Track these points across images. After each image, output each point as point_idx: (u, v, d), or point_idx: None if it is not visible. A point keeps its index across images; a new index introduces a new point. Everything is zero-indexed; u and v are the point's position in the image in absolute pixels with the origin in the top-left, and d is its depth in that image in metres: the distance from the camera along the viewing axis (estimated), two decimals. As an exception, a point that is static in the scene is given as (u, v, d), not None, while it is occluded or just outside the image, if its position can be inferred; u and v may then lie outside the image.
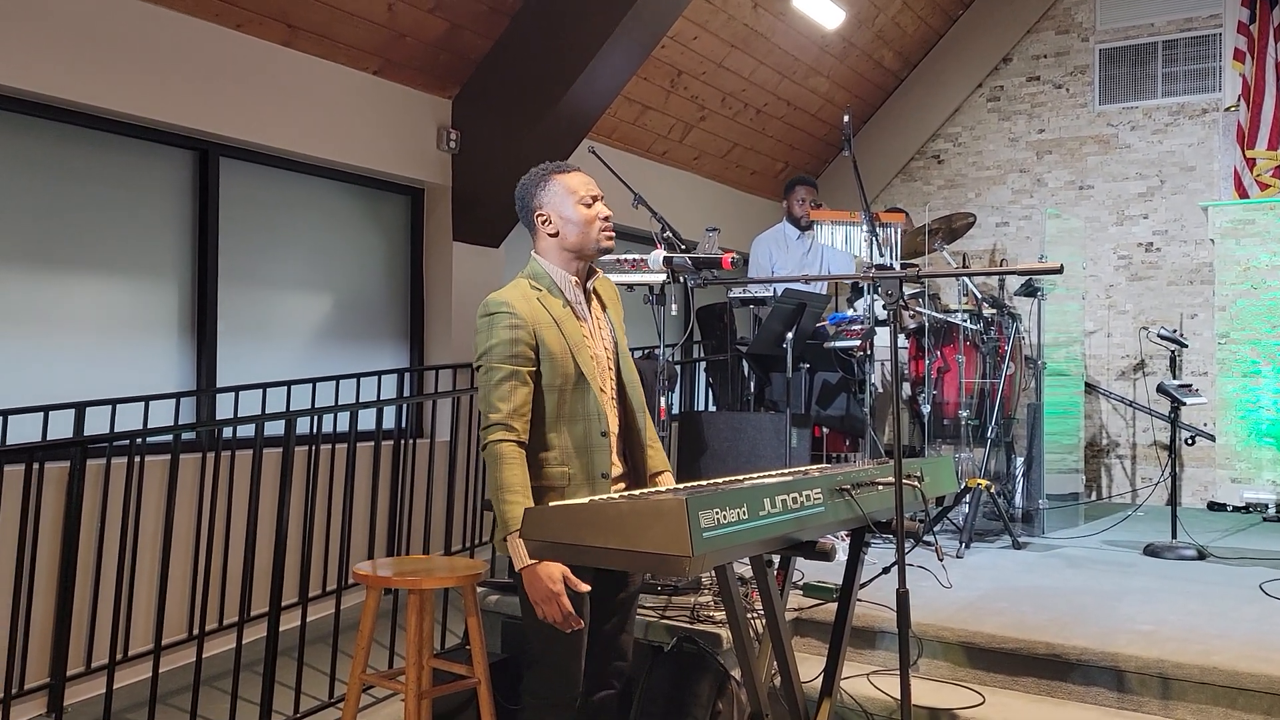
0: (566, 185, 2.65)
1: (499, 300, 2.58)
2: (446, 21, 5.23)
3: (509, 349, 2.53)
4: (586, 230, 2.64)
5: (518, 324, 2.54)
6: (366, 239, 5.63)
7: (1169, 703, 3.16)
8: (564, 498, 2.55)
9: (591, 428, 2.60)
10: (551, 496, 2.56)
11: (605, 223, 2.66)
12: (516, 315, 2.55)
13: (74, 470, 3.35)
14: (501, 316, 2.55)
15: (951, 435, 5.58)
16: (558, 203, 2.64)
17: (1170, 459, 5.20)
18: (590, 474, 2.59)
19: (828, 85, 7.91)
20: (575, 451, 2.59)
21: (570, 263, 2.68)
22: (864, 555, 2.80)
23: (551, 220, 2.65)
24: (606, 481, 2.61)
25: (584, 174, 2.70)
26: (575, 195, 2.63)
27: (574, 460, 2.59)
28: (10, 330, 4.10)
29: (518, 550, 2.40)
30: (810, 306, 5.28)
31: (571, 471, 2.58)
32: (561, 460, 2.58)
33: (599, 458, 2.60)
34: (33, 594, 3.56)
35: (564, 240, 2.65)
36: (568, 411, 2.59)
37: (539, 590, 2.40)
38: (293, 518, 3.92)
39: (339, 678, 3.83)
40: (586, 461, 2.59)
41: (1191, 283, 7.57)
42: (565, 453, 2.58)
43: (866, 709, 3.34)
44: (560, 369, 2.58)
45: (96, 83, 4.13)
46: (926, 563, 4.37)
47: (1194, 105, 7.63)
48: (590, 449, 2.60)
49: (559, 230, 2.64)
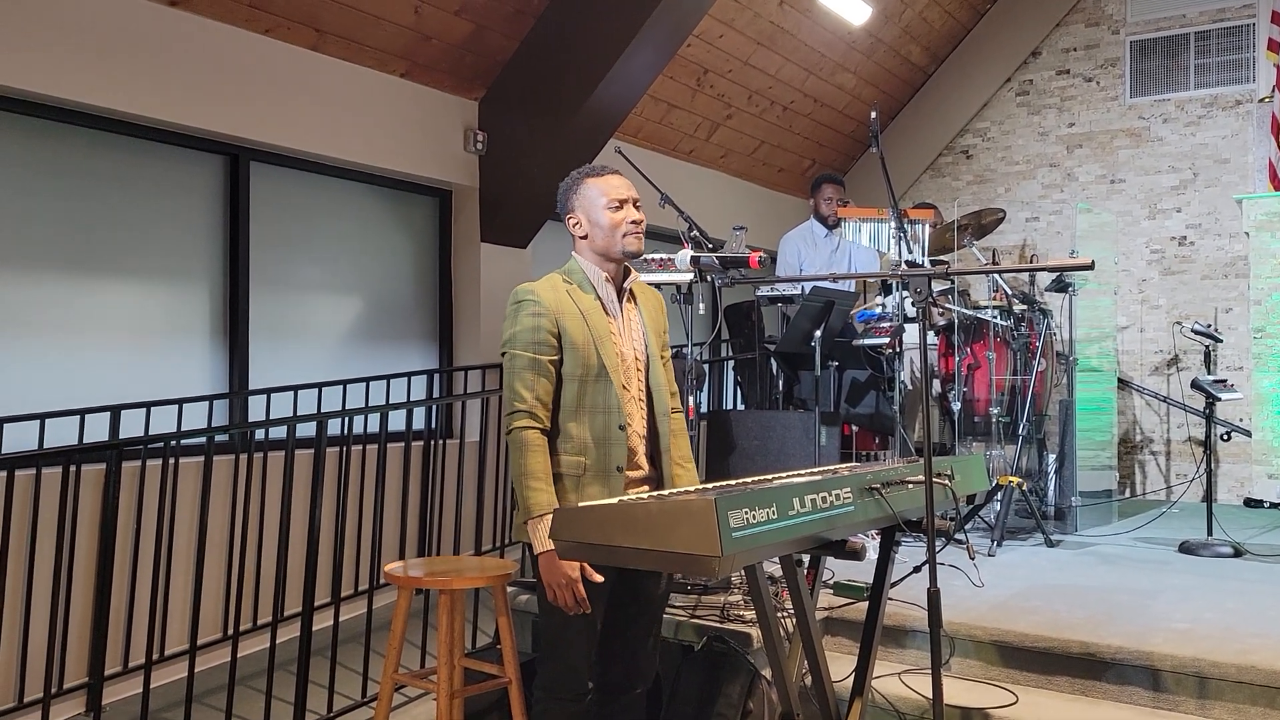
0: (598, 189, 2.70)
1: (526, 289, 2.65)
2: (472, 23, 5.25)
3: (531, 336, 2.59)
4: (612, 234, 2.68)
5: (540, 312, 2.61)
6: (395, 241, 5.66)
7: (1205, 702, 3.12)
8: (578, 487, 2.60)
9: (610, 421, 2.63)
10: (565, 485, 2.60)
11: (634, 226, 2.69)
12: (540, 303, 2.61)
13: (110, 472, 3.39)
14: (526, 305, 2.62)
15: (982, 432, 5.54)
16: (587, 206, 2.70)
17: (1205, 455, 5.14)
18: (605, 466, 2.62)
19: (855, 81, 7.88)
20: (592, 443, 2.62)
21: (602, 264, 2.73)
22: (894, 554, 2.79)
23: (581, 223, 2.71)
24: (620, 476, 2.63)
25: (619, 176, 2.74)
26: (604, 199, 2.68)
27: (590, 451, 2.61)
28: (47, 335, 4.16)
29: (537, 534, 2.48)
30: (838, 304, 5.26)
31: (587, 462, 2.61)
32: (578, 450, 2.61)
33: (615, 451, 2.63)
34: (71, 595, 3.61)
35: (592, 243, 2.71)
36: (588, 403, 2.63)
37: (556, 575, 2.47)
38: (324, 518, 3.95)
39: (372, 677, 3.86)
40: (602, 454, 2.62)
41: (1226, 276, 7.48)
42: (582, 443, 2.61)
43: (898, 708, 3.33)
44: (582, 359, 2.62)
45: (128, 89, 4.18)
46: (958, 561, 4.34)
47: (1227, 97, 7.53)
48: (607, 441, 2.62)
49: (588, 233, 2.71)
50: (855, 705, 2.66)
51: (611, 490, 2.60)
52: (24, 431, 3.87)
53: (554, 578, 2.48)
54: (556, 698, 2.61)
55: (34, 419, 3.88)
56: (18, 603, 3.60)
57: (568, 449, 2.61)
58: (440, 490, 4.57)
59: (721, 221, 7.15)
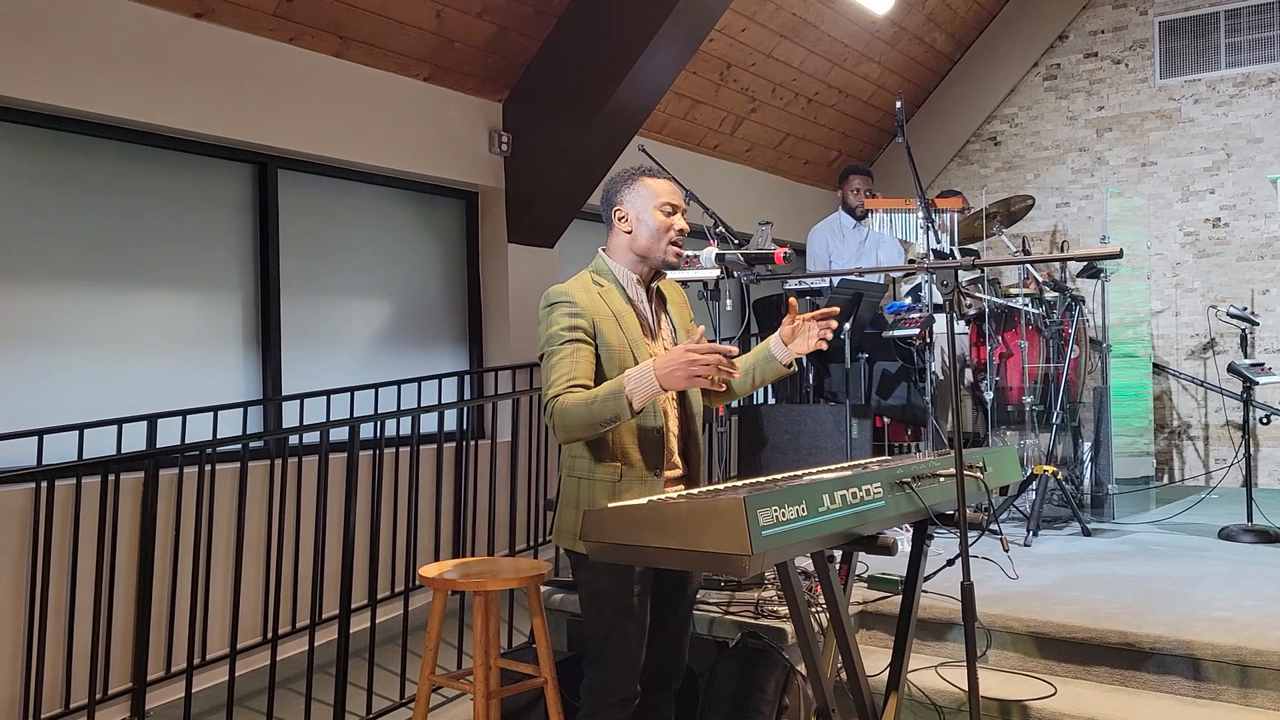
0: (653, 189, 2.68)
1: (560, 290, 2.62)
2: (494, 25, 5.27)
3: (569, 334, 2.56)
4: (658, 237, 2.66)
5: (577, 312, 2.57)
6: (423, 244, 5.70)
7: (1248, 691, 3.08)
8: (616, 490, 2.56)
9: (647, 423, 2.61)
10: (603, 490, 2.57)
11: (678, 235, 2.67)
12: (576, 305, 2.58)
13: (148, 481, 3.44)
14: (561, 306, 2.59)
15: (1016, 421, 5.50)
16: (639, 203, 2.67)
17: (1244, 439, 5.07)
18: (643, 471, 2.59)
19: (879, 71, 7.83)
20: (630, 446, 2.59)
21: (636, 265, 2.70)
22: (927, 547, 2.78)
23: (628, 218, 2.67)
24: (659, 479, 2.61)
25: (673, 184, 2.72)
26: (657, 200, 2.66)
27: (628, 455, 2.59)
28: (84, 347, 4.23)
29: (639, 389, 2.42)
30: (867, 296, 5.23)
31: (624, 467, 2.58)
32: (615, 455, 2.58)
33: (651, 454, 2.60)
34: (113, 601, 3.67)
35: (634, 241, 2.67)
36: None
37: (677, 374, 2.41)
38: (359, 521, 3.99)
39: (409, 678, 3.89)
40: (640, 457, 2.59)
41: (1262, 258, 7.37)
42: (620, 448, 2.58)
43: (935, 701, 3.31)
44: (618, 362, 2.59)
45: (156, 101, 4.23)
46: (992, 554, 4.31)
47: (1260, 75, 7.41)
48: (644, 444, 2.60)
49: (633, 229, 2.67)
50: (891, 700, 2.65)
51: (651, 492, 2.57)
52: (64, 442, 3.94)
53: (680, 375, 2.41)
54: (605, 702, 2.58)
55: (73, 429, 3.95)
56: (61, 610, 3.66)
57: (604, 455, 2.58)
58: (474, 491, 4.60)
59: (748, 216, 7.14)
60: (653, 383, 2.42)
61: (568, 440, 2.53)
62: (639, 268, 2.71)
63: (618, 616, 2.55)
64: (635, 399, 2.42)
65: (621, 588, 2.55)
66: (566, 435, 2.50)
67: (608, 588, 2.55)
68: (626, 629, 2.55)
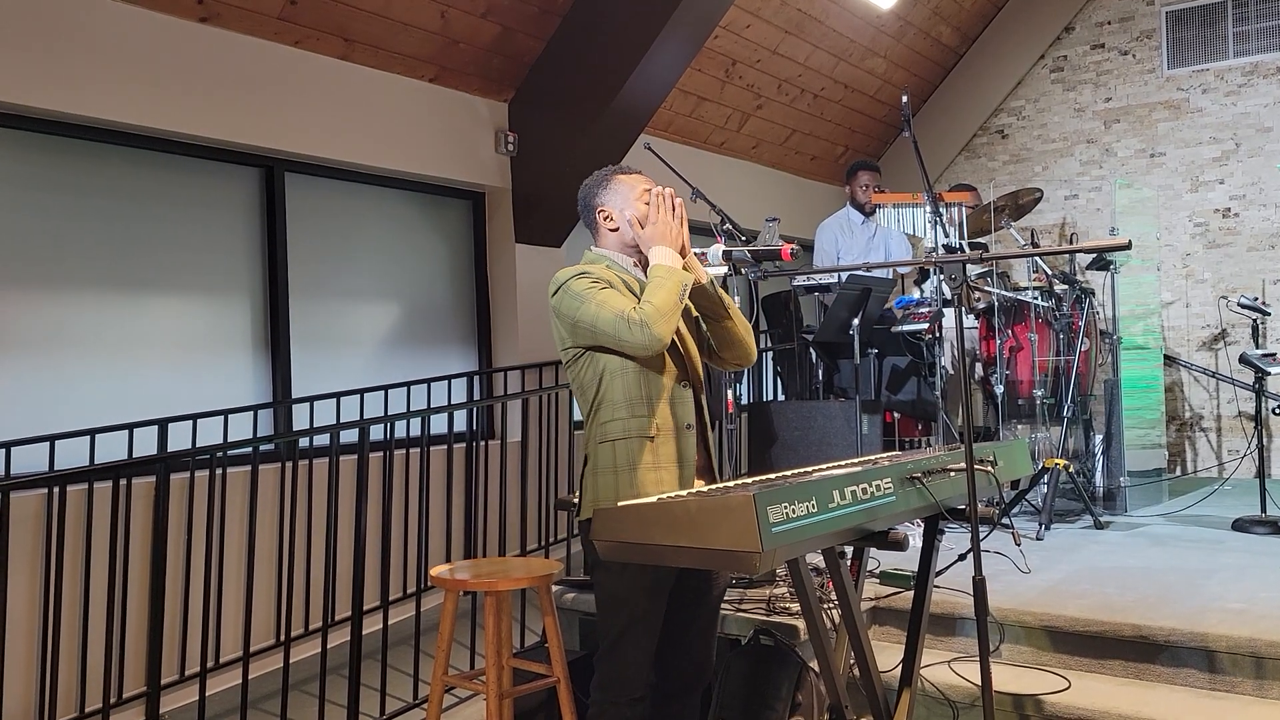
0: (628, 183, 2.71)
1: (566, 270, 2.63)
2: (498, 25, 5.27)
3: (597, 285, 2.57)
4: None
5: (595, 276, 2.59)
6: (430, 245, 5.70)
7: (1264, 683, 3.07)
8: (654, 446, 2.57)
9: (674, 379, 2.63)
10: (639, 446, 2.57)
11: (645, 192, 2.69)
12: (590, 272, 2.61)
13: (159, 485, 3.45)
14: (577, 277, 2.60)
15: (1027, 415, 5.48)
16: (619, 200, 2.69)
17: (1256, 430, 5.05)
18: (677, 424, 2.61)
19: (885, 66, 7.81)
20: (661, 401, 2.60)
21: (631, 252, 2.73)
22: (939, 542, 2.77)
23: (613, 216, 2.70)
24: (691, 432, 2.62)
25: (646, 177, 2.75)
26: (636, 190, 2.68)
27: (659, 410, 2.59)
28: (94, 352, 4.24)
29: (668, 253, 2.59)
30: (875, 291, 5.22)
31: (659, 421, 2.59)
32: (649, 410, 2.58)
33: (682, 409, 2.62)
34: (126, 605, 3.68)
35: (623, 235, 2.70)
36: (651, 360, 2.60)
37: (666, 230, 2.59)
38: (370, 523, 3.99)
39: (423, 679, 3.90)
40: (671, 413, 2.61)
41: (1273, 247, 7.33)
42: (651, 403, 2.59)
43: (949, 697, 3.31)
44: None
45: (162, 107, 4.25)
46: (1004, 548, 4.30)
47: (1268, 64, 7.37)
48: (674, 400, 2.61)
49: (619, 225, 2.70)
50: (904, 696, 2.64)
51: (686, 446, 2.60)
52: (75, 448, 3.95)
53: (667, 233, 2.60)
54: (613, 700, 2.57)
55: (84, 435, 3.96)
56: (75, 615, 3.67)
57: (639, 410, 2.58)
58: (485, 491, 4.60)
59: (755, 212, 7.13)
60: (667, 253, 2.58)
61: (666, 335, 2.50)
62: (634, 254, 2.73)
63: (633, 619, 2.54)
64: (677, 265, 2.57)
65: (640, 591, 2.54)
66: (665, 327, 2.49)
67: (626, 591, 2.55)
68: (639, 631, 2.55)
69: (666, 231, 2.60)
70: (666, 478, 2.57)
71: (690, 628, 2.70)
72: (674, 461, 2.59)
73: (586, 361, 2.62)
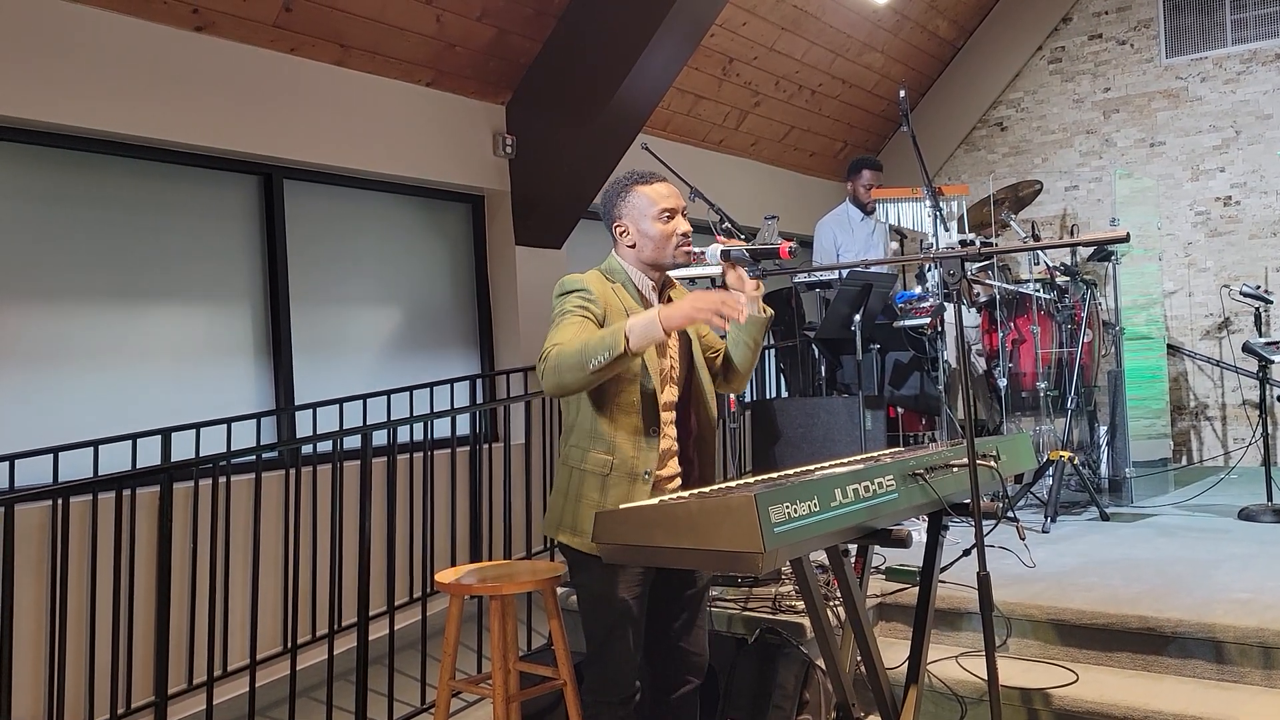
0: (648, 197, 2.65)
1: (576, 278, 2.62)
2: (494, 28, 5.27)
3: (580, 310, 2.55)
4: (663, 246, 2.66)
5: (591, 299, 2.58)
6: (430, 249, 5.70)
7: (1272, 672, 3.06)
8: (603, 486, 2.56)
9: (643, 424, 2.59)
10: (590, 482, 2.57)
11: (684, 238, 2.67)
12: (591, 293, 2.59)
13: (164, 495, 3.46)
14: (577, 292, 2.59)
15: (1031, 407, 5.47)
16: (636, 216, 2.66)
17: (1261, 418, 5.03)
18: (633, 469, 2.57)
19: (883, 60, 7.80)
20: (621, 444, 2.57)
21: (648, 271, 2.71)
22: (943, 538, 2.76)
23: (630, 233, 2.67)
24: (648, 482, 2.58)
25: (668, 184, 2.70)
26: (655, 208, 2.64)
27: (619, 451, 2.57)
28: (96, 363, 4.25)
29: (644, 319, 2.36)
30: (876, 287, 5.21)
31: (614, 461, 2.57)
32: (607, 449, 2.57)
33: (645, 456, 2.59)
34: (133, 615, 3.69)
35: (640, 253, 2.68)
36: (623, 402, 2.58)
37: (681, 308, 2.37)
38: (375, 528, 4.00)
39: (430, 683, 3.90)
40: (630, 457, 2.58)
41: (1275, 235, 7.31)
42: (611, 443, 2.57)
43: (956, 692, 3.30)
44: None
45: (159, 116, 4.25)
46: (1009, 542, 4.29)
47: (1267, 51, 7.35)
48: (637, 445, 2.59)
49: (636, 243, 2.67)
50: (911, 693, 2.64)
51: (636, 494, 2.56)
52: (79, 459, 3.96)
53: (703, 303, 2.36)
54: (605, 701, 2.61)
55: (88, 446, 3.97)
56: (82, 626, 3.68)
57: (597, 447, 2.58)
58: (489, 495, 4.60)
59: (755, 210, 7.12)
60: (653, 321, 2.35)
61: (556, 389, 2.43)
62: (651, 274, 2.71)
63: (618, 618, 2.57)
64: (634, 335, 2.34)
65: (620, 590, 2.56)
66: (555, 380, 2.41)
67: (607, 590, 2.57)
68: (626, 630, 2.58)
69: (676, 308, 2.38)
70: None
71: (678, 621, 2.72)
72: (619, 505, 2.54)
73: None
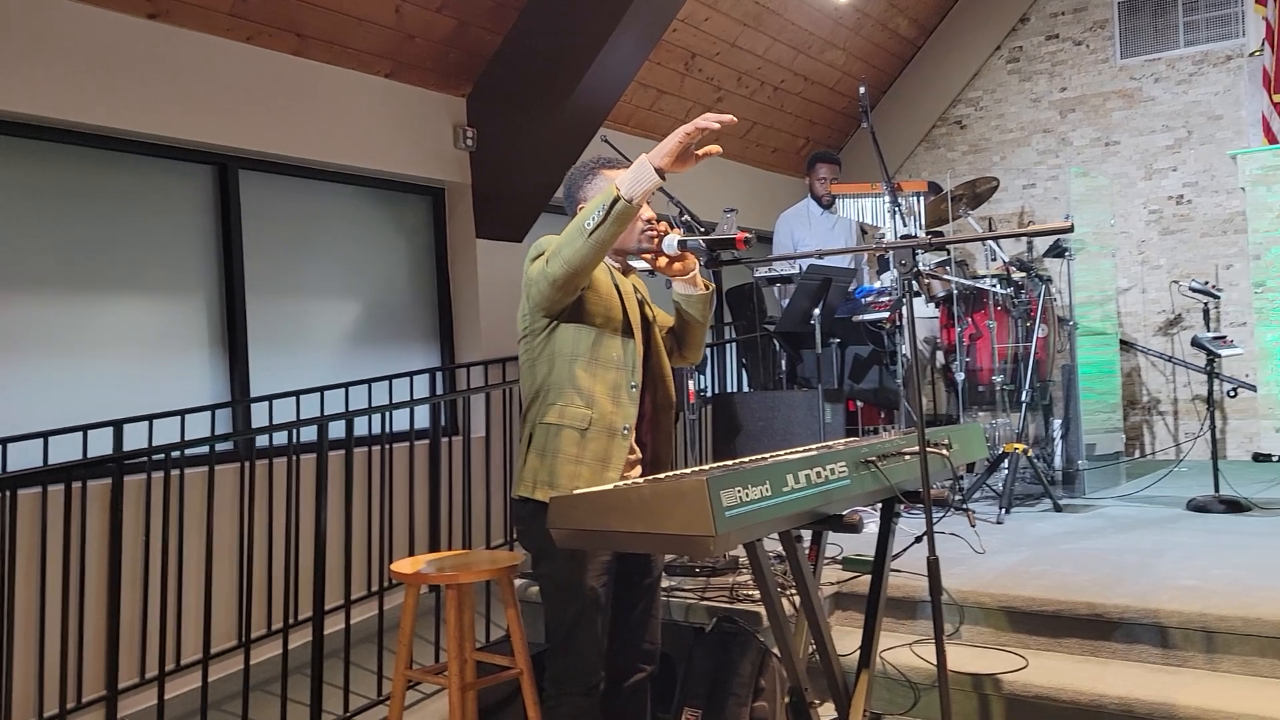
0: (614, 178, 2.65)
1: (549, 237, 2.59)
2: (454, 19, 5.25)
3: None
4: (630, 230, 2.66)
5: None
6: (390, 242, 5.67)
7: (1214, 656, 3.13)
8: (582, 439, 2.55)
9: (623, 380, 2.60)
10: (567, 436, 2.55)
11: (648, 224, 2.68)
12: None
13: (115, 486, 3.42)
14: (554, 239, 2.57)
15: (987, 402, 5.54)
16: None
17: (1209, 411, 5.13)
18: (611, 425, 2.57)
19: (844, 58, 7.85)
20: (600, 398, 2.57)
21: (612, 256, 2.72)
22: (895, 525, 2.79)
23: None
24: (626, 438, 2.58)
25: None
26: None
27: (597, 405, 2.56)
28: (46, 353, 4.19)
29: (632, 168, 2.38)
30: (836, 281, 5.25)
31: (593, 415, 2.56)
32: (586, 403, 2.56)
33: (623, 412, 2.59)
34: (83, 609, 3.64)
35: None
36: (603, 355, 2.58)
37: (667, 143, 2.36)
38: (332, 521, 3.97)
39: (386, 675, 3.89)
40: (609, 412, 2.57)
41: (1225, 233, 7.45)
42: (590, 396, 2.56)
43: (910, 678, 3.34)
44: (605, 305, 2.60)
45: (112, 104, 4.20)
46: (962, 530, 4.35)
47: (1218, 53, 7.49)
48: (616, 401, 2.58)
49: None
50: (862, 677, 2.66)
51: (615, 449, 2.55)
52: (28, 450, 3.90)
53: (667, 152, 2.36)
54: (568, 691, 2.59)
55: (37, 438, 3.91)
56: (31, 619, 3.63)
57: (576, 401, 2.55)
58: (449, 488, 4.59)
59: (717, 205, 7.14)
60: (640, 162, 2.37)
61: (564, 272, 2.44)
62: (616, 258, 2.72)
63: (585, 606, 2.56)
64: (623, 181, 2.37)
65: (585, 578, 2.56)
66: (560, 262, 2.44)
67: (574, 578, 2.56)
68: (593, 618, 2.57)
69: (662, 144, 2.38)
70: (585, 473, 2.53)
71: (634, 610, 2.72)
72: (598, 460, 2.55)
73: (541, 343, 2.62)
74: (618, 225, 2.39)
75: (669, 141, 2.37)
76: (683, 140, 2.36)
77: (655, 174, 2.37)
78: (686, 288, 2.78)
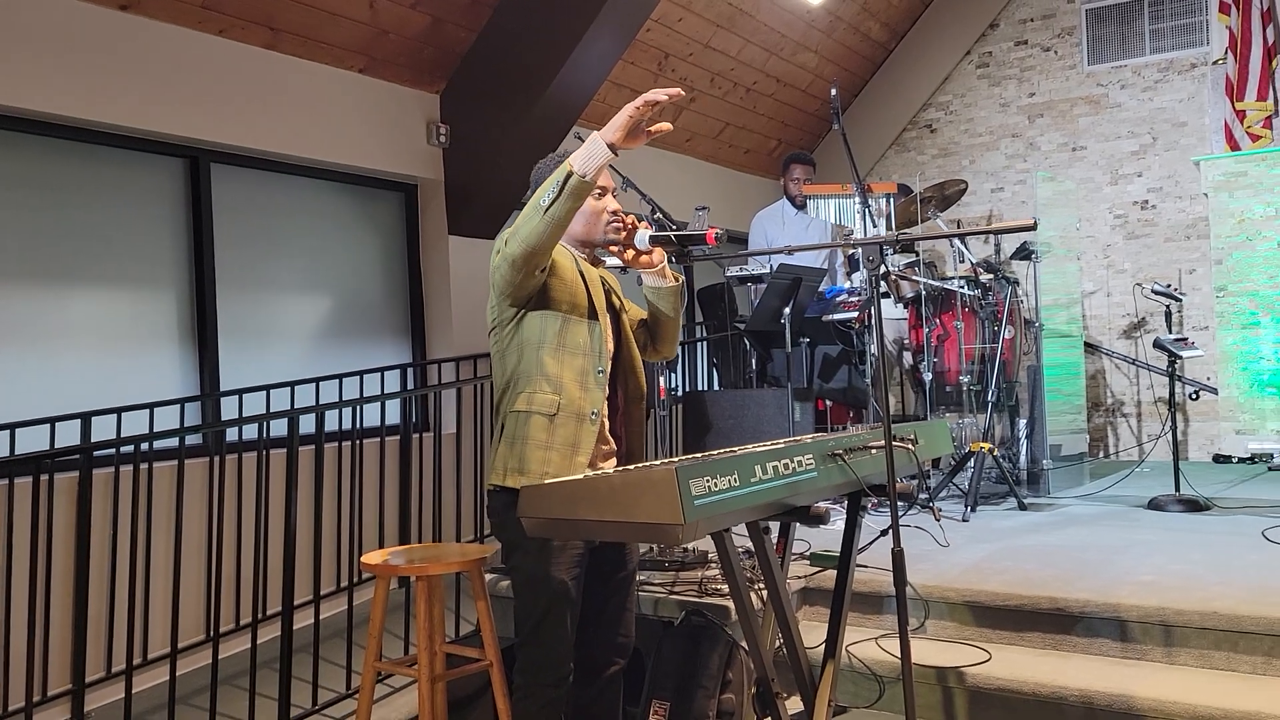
0: None
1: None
2: (428, 16, 5.25)
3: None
4: (594, 222, 2.69)
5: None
6: (362, 237, 5.66)
7: (1172, 649, 3.19)
8: (550, 426, 2.57)
9: (590, 365, 2.61)
10: (536, 423, 2.56)
11: (614, 215, 2.70)
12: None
13: (83, 479, 3.40)
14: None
15: (955, 402, 5.61)
16: None
17: (1170, 412, 5.22)
18: (580, 410, 2.58)
19: (816, 60, 7.92)
20: (568, 384, 2.58)
21: (578, 248, 2.74)
22: (861, 519, 2.83)
23: None
24: (594, 424, 2.60)
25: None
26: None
27: (565, 391, 2.58)
28: (13, 344, 4.16)
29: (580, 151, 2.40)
30: (806, 281, 5.30)
31: (561, 401, 2.57)
32: (554, 389, 2.57)
33: (591, 397, 2.60)
34: (50, 602, 3.62)
35: (571, 228, 2.66)
36: (569, 341, 2.60)
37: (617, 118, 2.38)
38: (301, 516, 3.96)
39: (355, 669, 3.89)
40: (577, 397, 2.59)
41: (1188, 238, 7.57)
42: (558, 382, 2.58)
43: (875, 671, 3.38)
44: (569, 291, 2.61)
45: (83, 95, 4.17)
46: (927, 524, 4.40)
47: (1182, 60, 7.61)
48: (584, 386, 2.60)
49: None
50: (828, 669, 2.70)
51: (584, 435, 2.57)
52: (-5, 442, 3.87)
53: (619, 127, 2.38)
54: (538, 683, 2.60)
55: (4, 429, 3.88)
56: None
57: (544, 387, 2.57)
58: (419, 484, 4.59)
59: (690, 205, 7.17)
60: (592, 138, 2.39)
61: (524, 251, 2.46)
62: (581, 250, 2.74)
63: (554, 599, 2.57)
64: (576, 158, 2.39)
65: (558, 571, 2.57)
66: (519, 242, 2.46)
67: (544, 571, 2.57)
68: (562, 611, 2.58)
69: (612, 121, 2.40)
70: (554, 459, 2.55)
71: (608, 603, 2.73)
72: (567, 445, 2.56)
73: (510, 333, 2.63)
74: (573, 200, 2.41)
75: (619, 117, 2.39)
76: (632, 115, 2.38)
77: (607, 149, 2.39)
78: (656, 280, 2.81)
